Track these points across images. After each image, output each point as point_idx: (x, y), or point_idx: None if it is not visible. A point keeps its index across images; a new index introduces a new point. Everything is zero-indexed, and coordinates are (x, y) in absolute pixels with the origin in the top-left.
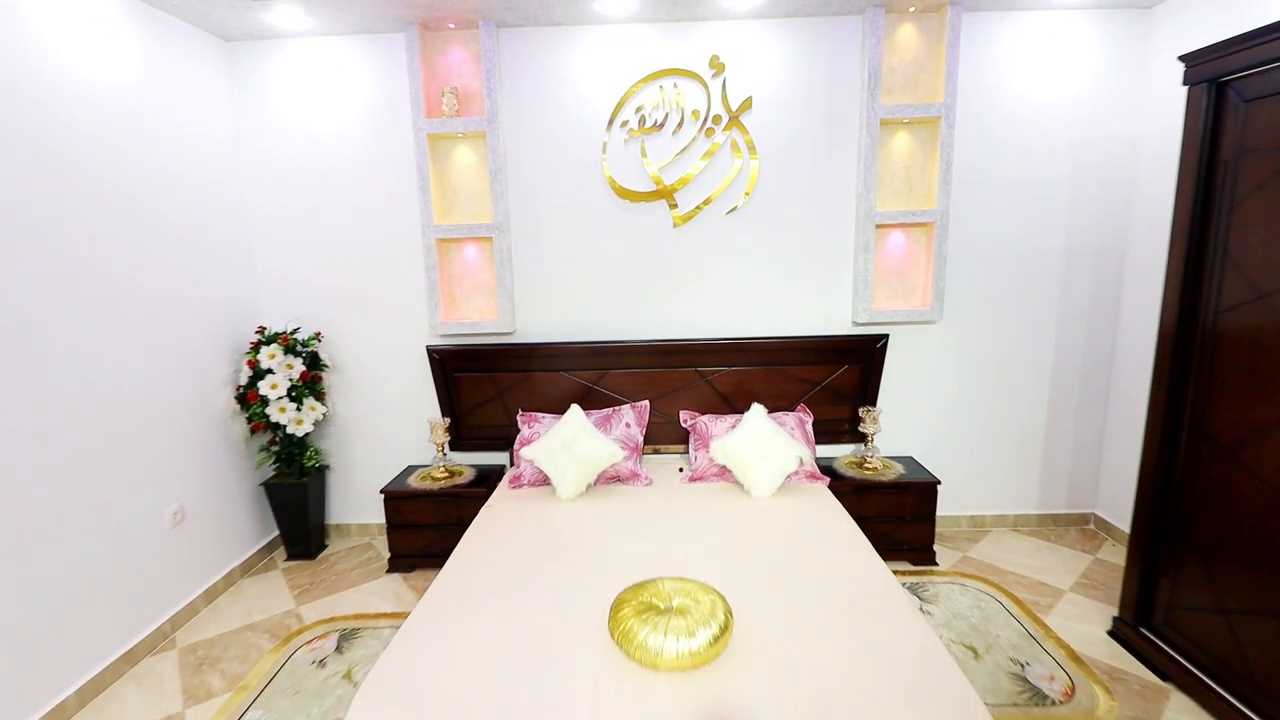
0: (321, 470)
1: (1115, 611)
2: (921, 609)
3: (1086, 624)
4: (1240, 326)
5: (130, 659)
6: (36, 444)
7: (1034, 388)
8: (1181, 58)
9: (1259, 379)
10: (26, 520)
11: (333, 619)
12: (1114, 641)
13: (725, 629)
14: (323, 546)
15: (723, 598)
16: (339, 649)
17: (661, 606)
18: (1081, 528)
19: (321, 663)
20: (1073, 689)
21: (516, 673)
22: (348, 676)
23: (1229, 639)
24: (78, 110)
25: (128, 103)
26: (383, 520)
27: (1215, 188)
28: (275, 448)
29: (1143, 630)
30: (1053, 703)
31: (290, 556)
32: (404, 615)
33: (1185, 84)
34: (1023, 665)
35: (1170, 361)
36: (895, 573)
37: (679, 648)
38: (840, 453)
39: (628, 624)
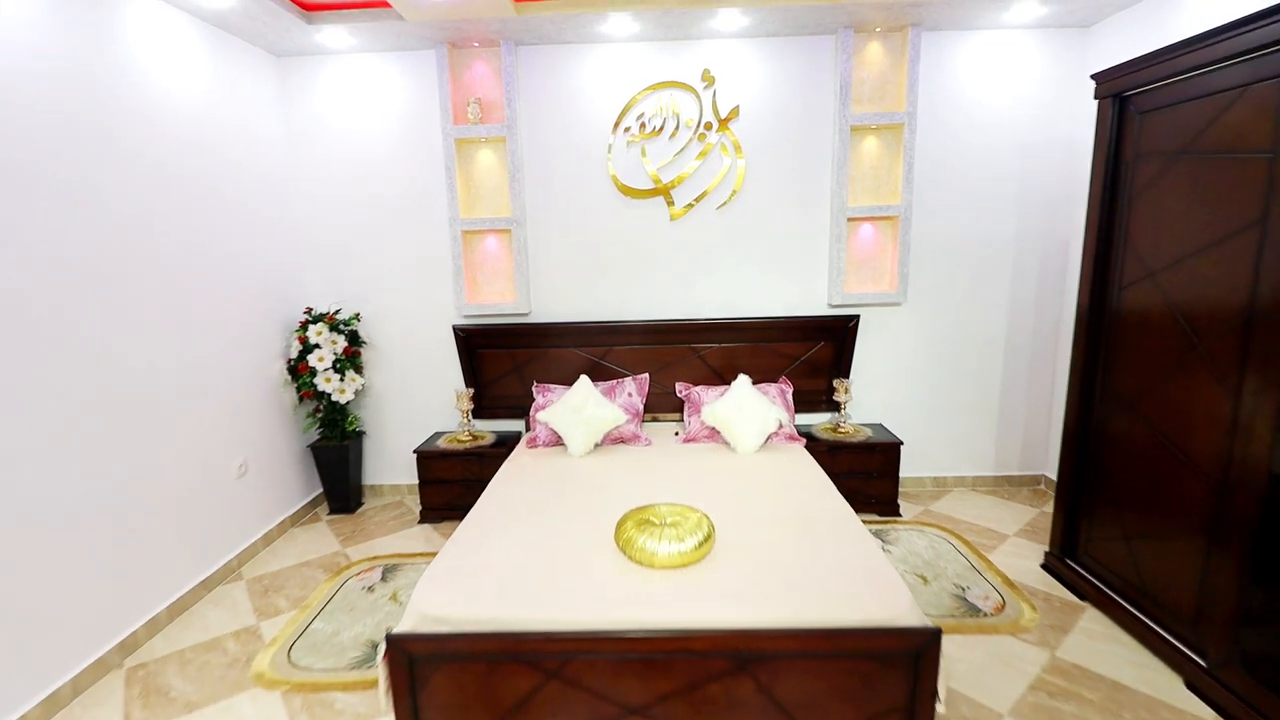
0: (359, 435)
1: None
2: (882, 549)
3: (1023, 559)
4: (1136, 299)
5: (207, 585)
6: (146, 402)
7: (989, 362)
8: (1093, 76)
9: (1149, 341)
10: (131, 464)
11: (375, 557)
12: (1045, 572)
13: (708, 537)
14: (360, 503)
15: (708, 516)
16: (384, 579)
17: (657, 522)
18: (1033, 488)
19: (370, 588)
20: (1003, 605)
21: (543, 569)
22: (394, 598)
23: (1129, 560)
24: (167, 120)
25: (202, 111)
26: (412, 481)
27: (1119, 185)
28: (320, 414)
29: (1068, 561)
30: (985, 615)
31: (332, 510)
32: (434, 554)
33: (1095, 98)
34: (964, 589)
35: (1086, 332)
36: (864, 522)
37: (670, 549)
38: (817, 420)
39: (630, 533)
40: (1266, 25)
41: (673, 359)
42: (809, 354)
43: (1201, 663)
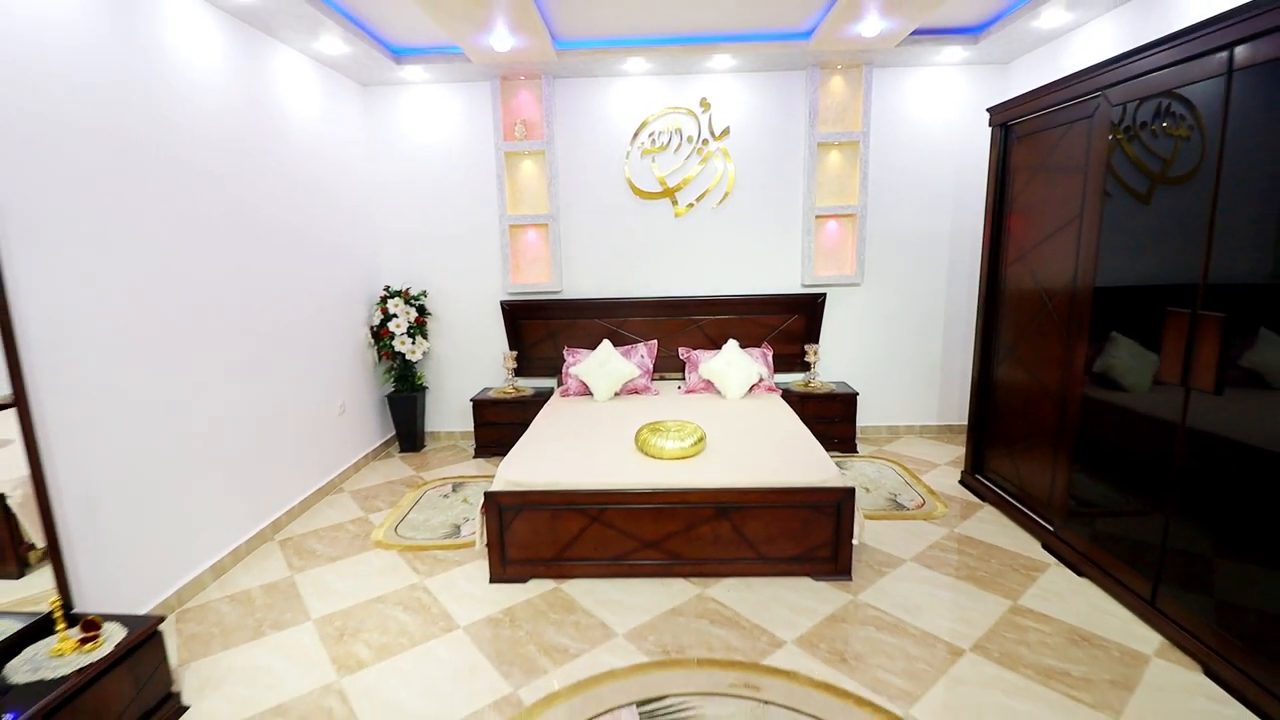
0: (423, 389)
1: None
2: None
3: (946, 478)
4: (1015, 274)
5: (321, 493)
6: (278, 355)
7: (932, 331)
8: (988, 109)
9: (1022, 304)
10: (271, 400)
11: (445, 478)
12: (960, 485)
13: (702, 439)
14: (423, 444)
15: (702, 427)
16: (454, 490)
17: (665, 430)
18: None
19: (445, 495)
20: (923, 504)
21: (583, 458)
22: (465, 501)
23: (1013, 468)
24: (296, 138)
25: (313, 130)
26: (464, 428)
27: (1005, 190)
28: (395, 370)
29: (976, 475)
30: (908, 510)
31: (402, 449)
32: (493, 477)
33: (989, 125)
34: (896, 496)
35: (985, 300)
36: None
37: (674, 445)
38: (793, 378)
39: (645, 436)
40: (1078, 84)
41: (676, 328)
42: (785, 324)
43: (1050, 528)
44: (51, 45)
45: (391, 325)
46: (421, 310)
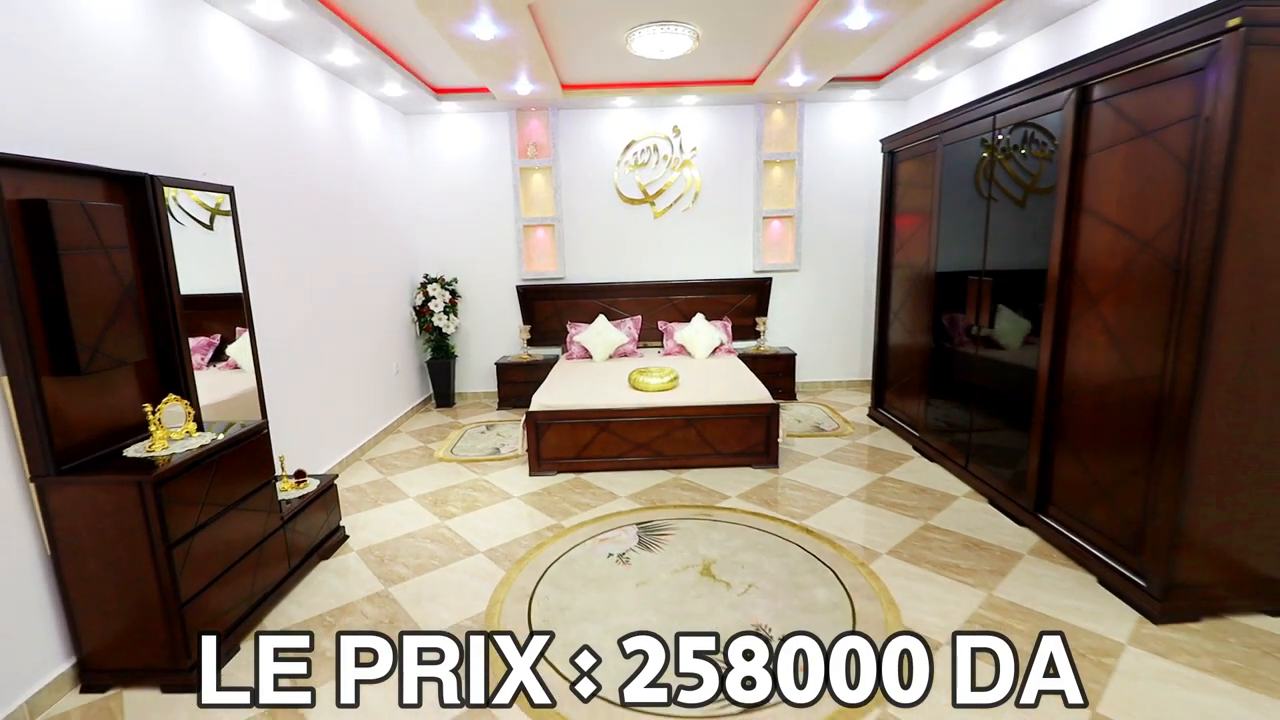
0: (454, 357)
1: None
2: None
3: (859, 414)
4: (899, 260)
5: (387, 431)
6: (357, 326)
7: (854, 307)
8: (880, 140)
9: (902, 280)
10: (355, 358)
11: (479, 422)
12: (869, 418)
13: (676, 378)
14: (454, 402)
15: (676, 371)
16: (488, 429)
17: (649, 372)
18: None
19: (482, 432)
20: (839, 428)
21: (593, 392)
22: (498, 434)
23: (899, 402)
24: (364, 156)
25: (373, 148)
26: (488, 389)
27: (893, 198)
28: (432, 341)
29: (879, 409)
30: (827, 432)
31: (438, 405)
32: (516, 421)
33: (881, 151)
34: (819, 424)
35: (881, 281)
36: None
37: (656, 382)
38: (747, 345)
39: (635, 377)
40: (927, 129)
41: (656, 305)
42: (741, 302)
43: (918, 436)
44: (241, 99)
45: (431, 305)
46: (454, 293)
